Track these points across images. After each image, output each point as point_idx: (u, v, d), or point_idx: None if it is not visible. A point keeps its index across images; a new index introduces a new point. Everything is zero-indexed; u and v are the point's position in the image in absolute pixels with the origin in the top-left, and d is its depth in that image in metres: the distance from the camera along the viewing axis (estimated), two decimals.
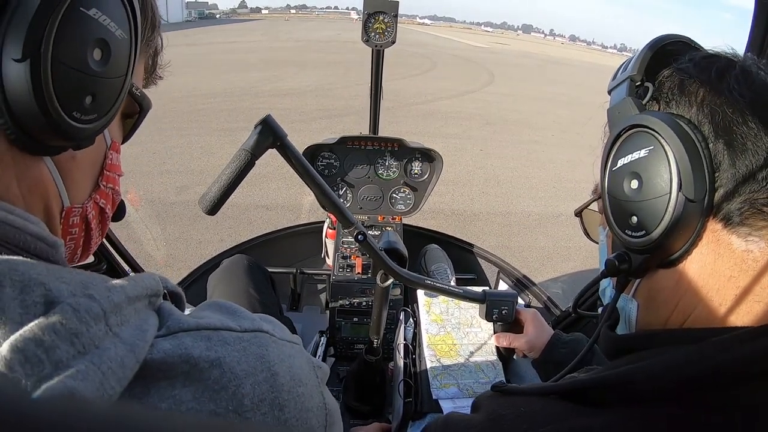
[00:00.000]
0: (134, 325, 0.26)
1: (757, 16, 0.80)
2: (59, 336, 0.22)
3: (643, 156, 0.40)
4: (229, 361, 0.29)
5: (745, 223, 0.37)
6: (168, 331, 0.28)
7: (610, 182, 0.44)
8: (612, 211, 0.44)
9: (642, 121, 0.41)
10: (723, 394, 0.33)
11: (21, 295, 0.22)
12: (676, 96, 0.41)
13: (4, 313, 0.21)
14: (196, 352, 0.28)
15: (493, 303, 0.94)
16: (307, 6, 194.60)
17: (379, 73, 1.44)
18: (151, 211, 3.77)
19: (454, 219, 4.10)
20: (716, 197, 0.37)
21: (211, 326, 0.30)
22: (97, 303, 0.24)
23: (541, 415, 0.41)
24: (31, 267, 0.24)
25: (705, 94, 0.39)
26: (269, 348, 0.32)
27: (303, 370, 0.34)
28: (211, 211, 0.63)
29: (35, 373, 0.21)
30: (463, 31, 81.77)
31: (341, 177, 1.57)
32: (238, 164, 0.62)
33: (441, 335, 1.00)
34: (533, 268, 3.27)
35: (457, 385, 0.92)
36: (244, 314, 0.35)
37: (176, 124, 6.34)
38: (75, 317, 0.23)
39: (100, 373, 0.23)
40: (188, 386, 0.27)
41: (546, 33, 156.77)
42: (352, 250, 1.52)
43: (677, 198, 0.38)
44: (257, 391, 0.29)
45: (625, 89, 0.45)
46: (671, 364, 0.35)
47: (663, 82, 0.43)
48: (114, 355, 0.24)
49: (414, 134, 4.84)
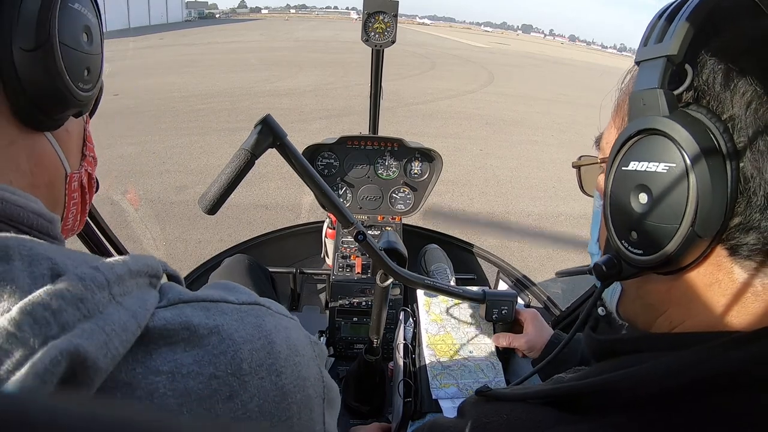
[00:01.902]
0: (136, 297, 0.28)
1: None
2: (66, 301, 0.24)
3: (660, 172, 0.34)
4: (227, 328, 0.30)
5: (753, 258, 0.33)
6: (168, 302, 0.30)
7: (616, 182, 0.39)
8: (612, 214, 0.40)
9: (669, 130, 0.34)
10: (712, 401, 0.31)
11: (29, 267, 0.24)
12: (717, 87, 0.33)
13: (14, 283, 0.23)
14: (195, 320, 0.29)
15: (493, 303, 0.94)
16: (307, 6, 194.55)
17: (378, 73, 1.44)
18: (151, 210, 3.77)
19: (454, 219, 4.10)
20: (731, 224, 0.33)
21: (210, 298, 0.32)
22: (101, 273, 0.26)
23: (525, 423, 0.40)
24: (38, 244, 0.26)
25: (753, 97, 0.31)
26: (266, 319, 0.33)
27: (300, 341, 0.35)
28: (211, 211, 0.63)
29: (42, 333, 0.22)
30: (463, 31, 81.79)
31: (341, 177, 1.57)
32: (237, 164, 0.62)
33: (441, 335, 1.00)
34: (533, 268, 3.27)
35: (456, 385, 0.92)
36: (243, 290, 0.36)
37: (175, 124, 6.34)
38: (81, 285, 0.25)
39: (104, 334, 0.24)
40: (189, 351, 0.28)
41: (546, 33, 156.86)
42: (351, 249, 1.52)
43: (687, 232, 0.33)
44: (255, 357, 0.30)
45: (657, 72, 0.35)
46: (658, 370, 0.33)
47: (706, 59, 0.34)
48: (117, 320, 0.25)
49: (414, 134, 4.85)
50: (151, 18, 44.50)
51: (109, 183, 4.31)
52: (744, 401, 0.31)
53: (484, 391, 0.48)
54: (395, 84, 10.48)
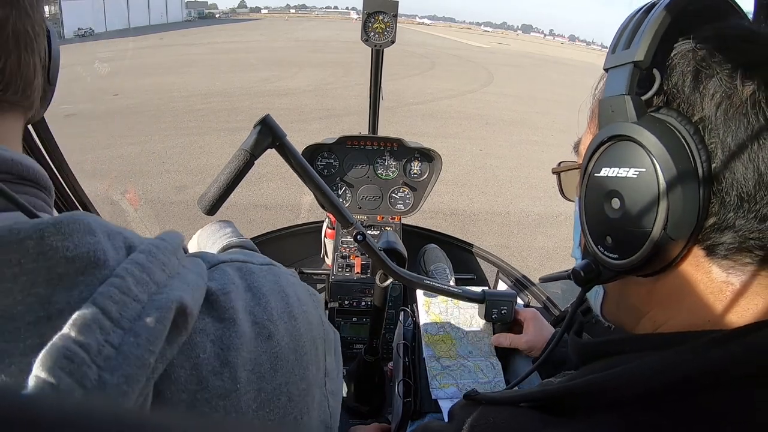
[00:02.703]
0: (190, 260, 0.33)
1: (757, 16, 0.80)
2: (154, 264, 0.28)
3: (631, 177, 0.35)
4: (257, 285, 0.37)
5: (730, 257, 0.33)
6: (209, 264, 0.36)
7: (590, 189, 0.39)
8: (587, 220, 0.40)
9: (638, 136, 0.34)
10: (696, 400, 0.31)
11: (110, 240, 0.28)
12: (687, 90, 0.33)
13: (105, 253, 0.26)
14: (236, 278, 0.36)
15: (493, 303, 0.94)
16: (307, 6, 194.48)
17: (378, 73, 1.44)
18: (151, 210, 3.77)
19: (454, 219, 4.10)
20: (706, 225, 0.33)
21: (239, 260, 0.39)
22: (168, 243, 0.31)
23: (511, 425, 0.40)
24: (101, 219, 0.29)
25: (722, 99, 0.32)
26: (280, 276, 0.41)
27: (303, 294, 0.42)
28: (210, 211, 0.63)
29: (146, 291, 0.26)
30: (463, 31, 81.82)
31: (340, 177, 1.57)
32: (237, 164, 0.62)
33: (440, 335, 1.00)
34: (533, 268, 3.27)
35: (456, 385, 0.92)
36: (256, 254, 0.44)
37: (175, 124, 6.34)
38: (159, 252, 0.29)
39: (190, 289, 0.29)
40: (238, 300, 0.34)
41: (546, 33, 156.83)
42: (351, 249, 1.52)
43: (660, 235, 0.33)
44: (279, 306, 0.37)
45: (624, 78, 0.36)
46: (642, 371, 0.33)
47: (675, 63, 0.34)
48: (191, 279, 0.30)
49: (413, 134, 4.84)
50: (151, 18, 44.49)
51: (109, 183, 4.31)
52: (725, 400, 0.31)
53: (472, 395, 0.48)
54: (395, 84, 10.48)
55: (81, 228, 0.26)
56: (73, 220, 0.26)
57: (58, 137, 1.09)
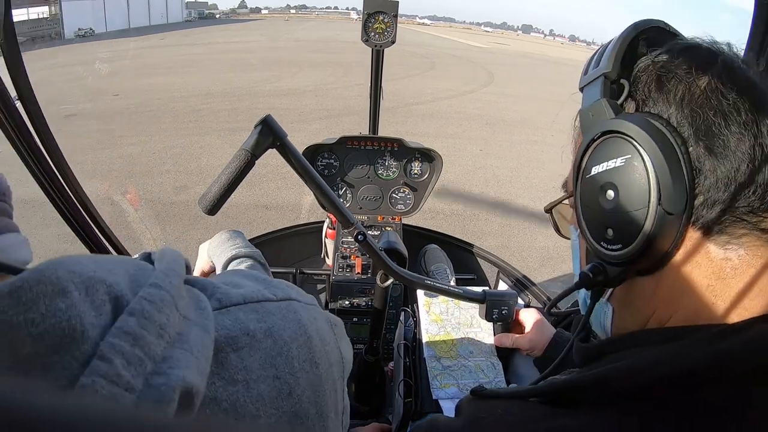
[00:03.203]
0: (192, 304, 0.28)
1: (757, 16, 0.80)
2: (148, 331, 0.23)
3: (619, 165, 0.38)
4: (277, 329, 0.33)
5: (724, 231, 0.35)
6: (221, 305, 0.32)
7: (584, 190, 0.42)
8: (586, 221, 0.42)
9: (618, 127, 0.38)
10: (699, 393, 0.32)
11: (88, 296, 0.23)
12: (653, 93, 0.38)
13: (81, 319, 0.21)
14: (251, 324, 0.31)
15: (493, 303, 0.94)
16: (307, 6, 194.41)
17: (378, 73, 1.44)
18: (151, 211, 3.77)
19: (454, 219, 4.10)
20: (696, 204, 0.35)
21: (255, 298, 0.34)
22: (166, 291, 0.25)
23: (519, 418, 0.41)
24: (81, 264, 0.24)
25: (684, 92, 0.36)
26: (301, 313, 0.37)
27: (325, 330, 0.39)
28: (211, 211, 0.63)
29: (140, 373, 0.21)
30: (463, 31, 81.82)
31: (341, 177, 1.57)
32: (238, 164, 0.62)
33: (441, 335, 0.99)
34: (533, 268, 3.27)
35: (457, 386, 0.92)
36: (272, 282, 0.39)
37: (176, 124, 6.34)
38: (154, 309, 0.24)
39: (194, 357, 0.24)
40: (253, 356, 0.30)
41: (546, 33, 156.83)
42: (351, 250, 1.52)
43: (656, 212, 0.36)
44: (301, 354, 0.34)
45: (598, 88, 0.41)
46: (647, 363, 0.34)
47: (639, 77, 0.40)
48: (195, 339, 0.25)
49: (414, 134, 4.84)
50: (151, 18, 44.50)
51: (109, 183, 4.31)
52: (728, 394, 0.32)
53: (479, 390, 0.48)
54: (395, 84, 10.48)
55: (48, 290, 0.21)
56: (37, 280, 0.21)
57: (59, 137, 1.10)
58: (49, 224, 3.18)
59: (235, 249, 0.86)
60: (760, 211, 0.35)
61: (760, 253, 0.35)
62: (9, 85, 0.93)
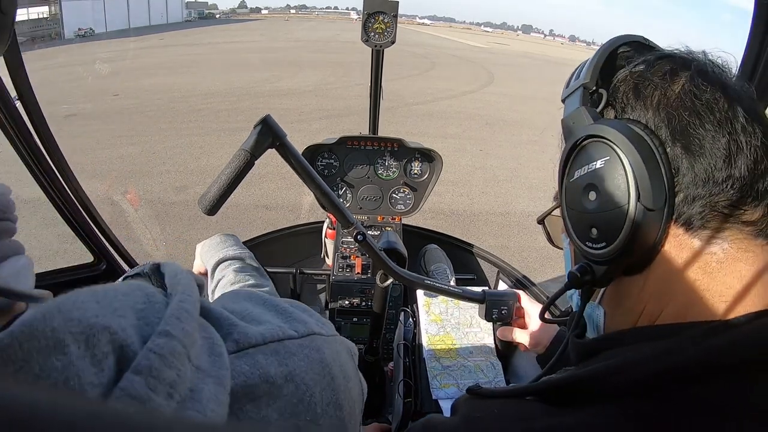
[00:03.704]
0: (205, 348, 0.25)
1: (757, 16, 0.80)
2: (157, 392, 0.20)
3: (599, 167, 0.40)
4: (299, 372, 0.31)
5: (706, 226, 0.36)
6: (238, 347, 0.29)
7: (568, 194, 0.44)
8: (571, 223, 0.44)
9: (596, 131, 0.40)
10: (695, 389, 0.33)
11: (88, 350, 0.20)
12: (631, 100, 0.40)
13: (80, 379, 0.19)
14: (272, 369, 0.29)
15: (493, 303, 0.94)
16: (307, 6, 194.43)
17: (378, 73, 1.44)
18: (151, 211, 3.77)
19: (454, 219, 4.10)
20: (676, 202, 0.37)
21: (276, 338, 0.32)
22: (177, 341, 0.22)
23: (515, 416, 0.41)
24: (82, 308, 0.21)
25: (660, 97, 0.38)
26: (325, 352, 0.35)
27: (348, 364, 0.37)
28: (211, 211, 0.63)
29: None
30: (463, 31, 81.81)
31: (341, 177, 1.57)
32: (237, 164, 0.62)
33: (440, 335, 1.00)
34: (533, 268, 3.27)
35: (456, 385, 0.92)
36: (293, 313, 0.36)
37: (175, 124, 6.34)
38: (164, 365, 0.21)
39: (205, 417, 0.21)
40: (272, 405, 0.28)
41: (546, 33, 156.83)
42: (351, 250, 1.52)
43: (636, 208, 0.37)
44: (324, 397, 0.32)
45: (578, 98, 0.44)
46: (642, 359, 0.34)
47: (617, 87, 0.42)
48: (209, 395, 0.23)
49: (414, 134, 4.85)
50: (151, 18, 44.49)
51: (109, 183, 4.31)
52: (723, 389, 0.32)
53: (475, 389, 0.49)
54: (395, 84, 10.48)
55: (41, 346, 0.18)
56: (29, 335, 0.18)
57: (59, 137, 1.09)
58: (48, 224, 3.18)
59: (224, 252, 0.86)
60: (741, 205, 0.36)
61: (745, 246, 0.36)
62: (9, 85, 0.93)
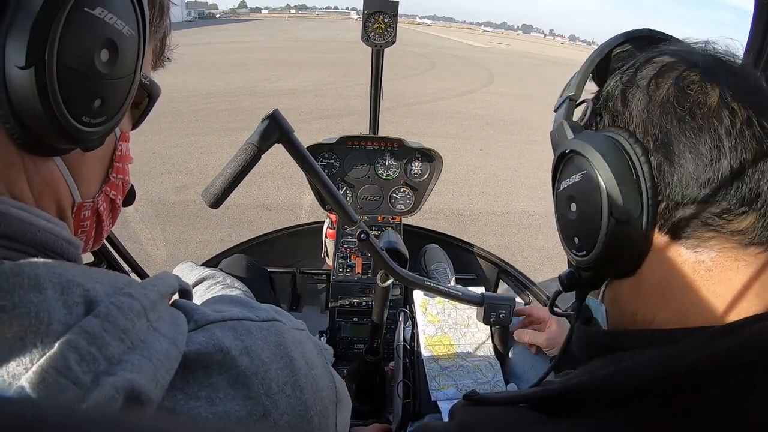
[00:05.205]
0: (168, 321, 0.28)
1: (757, 16, 0.79)
2: (109, 333, 0.23)
3: (577, 181, 0.41)
4: (255, 348, 0.31)
5: (692, 235, 0.36)
6: (197, 325, 0.31)
7: (557, 203, 0.46)
8: (560, 230, 0.46)
9: (573, 147, 0.41)
10: (697, 394, 0.32)
11: (62, 296, 0.23)
12: (620, 107, 0.40)
13: (49, 314, 0.22)
14: (227, 341, 0.30)
15: (491, 306, 0.94)
16: (307, 6, 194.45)
17: (378, 73, 1.44)
18: (151, 210, 3.77)
19: (454, 218, 4.10)
20: (660, 210, 0.37)
21: (235, 317, 0.33)
22: (137, 300, 0.26)
23: (507, 424, 0.41)
24: (67, 269, 0.25)
25: (646, 104, 0.38)
26: (285, 336, 0.35)
27: (313, 354, 0.38)
28: (215, 204, 0.62)
29: (91, 370, 0.22)
30: (463, 31, 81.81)
31: (341, 177, 1.57)
32: (243, 158, 0.61)
33: (438, 336, 0.99)
34: (533, 268, 3.27)
35: (455, 386, 0.92)
36: (257, 305, 0.38)
37: (176, 124, 6.34)
38: (120, 315, 0.24)
39: (152, 365, 0.24)
40: (223, 374, 0.29)
41: (546, 33, 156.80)
42: (351, 250, 1.52)
43: (608, 222, 0.38)
44: (281, 375, 0.32)
45: (563, 111, 0.46)
46: (642, 367, 0.34)
47: (609, 93, 0.42)
48: (160, 348, 0.25)
49: (414, 134, 4.85)
50: None
51: None
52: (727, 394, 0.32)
53: (472, 395, 0.49)
54: (395, 84, 10.48)
55: (24, 283, 0.22)
56: (16, 272, 0.22)
57: None
58: None
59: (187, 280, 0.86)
60: (726, 214, 0.35)
61: (734, 255, 0.36)
62: None
